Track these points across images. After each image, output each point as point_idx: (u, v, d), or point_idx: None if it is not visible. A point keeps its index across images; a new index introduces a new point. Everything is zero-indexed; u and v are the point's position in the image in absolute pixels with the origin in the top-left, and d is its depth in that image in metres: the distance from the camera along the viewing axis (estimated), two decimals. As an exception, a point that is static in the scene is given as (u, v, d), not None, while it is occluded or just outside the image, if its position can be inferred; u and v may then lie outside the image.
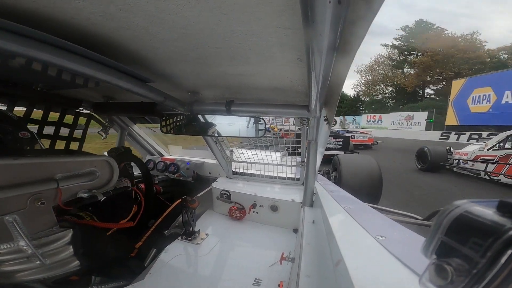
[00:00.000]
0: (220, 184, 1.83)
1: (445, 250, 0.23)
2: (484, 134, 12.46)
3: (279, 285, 1.03)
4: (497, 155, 6.03)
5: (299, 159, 1.88)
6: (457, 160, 7.09)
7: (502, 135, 6.40)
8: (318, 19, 0.38)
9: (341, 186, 2.32)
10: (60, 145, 1.42)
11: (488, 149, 6.39)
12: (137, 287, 1.01)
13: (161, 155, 2.47)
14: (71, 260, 0.89)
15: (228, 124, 1.37)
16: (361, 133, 14.32)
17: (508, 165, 5.48)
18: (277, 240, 1.46)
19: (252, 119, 1.36)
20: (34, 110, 1.27)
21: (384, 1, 0.36)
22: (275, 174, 1.94)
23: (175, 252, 1.24)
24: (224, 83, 1.06)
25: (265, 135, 1.44)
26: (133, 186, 1.35)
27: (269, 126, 1.92)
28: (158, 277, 1.07)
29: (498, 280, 0.18)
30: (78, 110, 1.52)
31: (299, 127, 1.60)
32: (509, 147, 5.94)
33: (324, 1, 0.32)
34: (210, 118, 1.37)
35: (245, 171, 2.01)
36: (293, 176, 1.91)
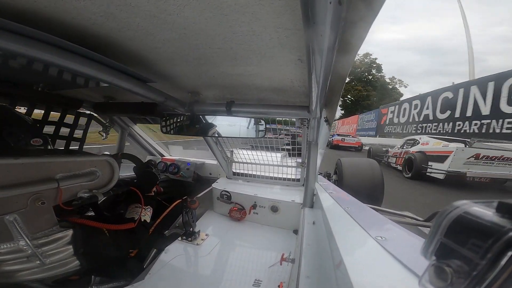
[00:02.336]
0: (221, 184, 1.83)
1: (445, 251, 0.23)
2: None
3: (279, 286, 1.03)
4: (397, 152, 9.00)
5: (299, 160, 1.88)
6: (388, 156, 9.87)
7: (403, 140, 9.43)
8: (319, 20, 0.38)
9: (342, 188, 2.32)
10: (61, 145, 1.43)
11: (398, 148, 9.24)
12: (137, 287, 1.01)
13: (162, 155, 2.47)
14: (71, 260, 0.89)
15: (228, 125, 1.38)
16: (353, 137, 17.32)
17: (398, 158, 8.78)
18: (277, 241, 1.45)
19: (253, 119, 1.36)
20: (34, 109, 1.27)
21: (385, 1, 0.36)
22: (276, 175, 1.94)
23: (175, 253, 1.24)
24: (225, 84, 1.06)
25: (265, 136, 1.44)
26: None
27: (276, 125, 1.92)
28: (158, 278, 1.07)
29: (498, 282, 0.18)
30: (79, 110, 1.52)
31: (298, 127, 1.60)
32: (405, 147, 8.71)
33: (325, 2, 0.32)
34: (210, 119, 1.37)
35: (246, 172, 2.01)
36: (293, 177, 1.91)
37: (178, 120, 1.39)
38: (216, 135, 1.45)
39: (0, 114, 0.93)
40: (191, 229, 1.36)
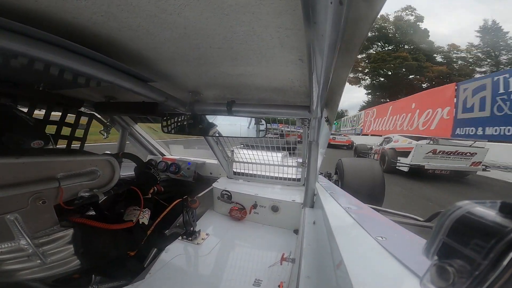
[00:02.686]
0: (221, 184, 1.83)
1: (447, 251, 0.23)
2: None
3: (279, 286, 1.03)
4: (377, 149, 10.03)
5: (300, 159, 1.88)
6: (371, 153, 10.88)
7: (382, 138, 10.40)
8: (320, 20, 0.38)
9: (343, 188, 2.32)
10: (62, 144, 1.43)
11: (377, 146, 10.33)
12: (137, 287, 1.01)
13: (163, 154, 2.48)
14: (72, 259, 0.89)
15: (229, 125, 1.38)
16: (344, 136, 18.49)
17: (377, 154, 9.78)
18: (277, 241, 1.45)
19: (253, 119, 1.36)
20: (35, 109, 1.27)
21: (386, 1, 0.36)
22: (276, 175, 1.94)
23: (175, 252, 1.24)
24: (225, 83, 1.06)
25: (266, 136, 1.44)
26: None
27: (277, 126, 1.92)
28: (158, 277, 1.07)
29: (500, 282, 0.18)
30: (80, 110, 1.52)
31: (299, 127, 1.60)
32: (383, 145, 9.65)
33: (326, 2, 0.32)
34: (211, 119, 1.37)
35: (246, 171, 2.01)
36: (294, 176, 1.91)
37: (179, 119, 1.39)
38: (217, 135, 1.45)
39: (1, 115, 0.93)
40: (192, 228, 1.36)
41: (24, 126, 0.99)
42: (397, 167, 7.85)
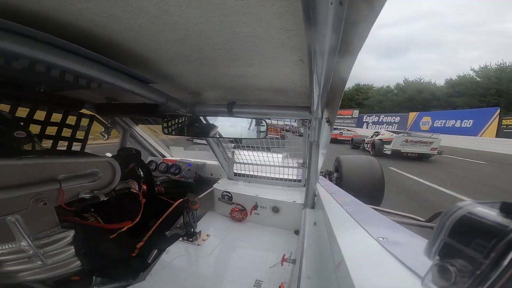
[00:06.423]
0: (222, 185, 1.83)
1: (448, 251, 0.23)
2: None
3: (280, 287, 1.02)
4: (369, 140, 12.89)
5: (300, 160, 1.88)
6: (364, 143, 13.76)
7: (372, 132, 13.79)
8: (320, 21, 0.38)
9: (342, 187, 2.31)
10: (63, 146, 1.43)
11: (369, 138, 13.21)
12: None
13: (163, 156, 2.48)
14: (73, 260, 0.89)
15: (229, 126, 1.38)
16: (347, 130, 19.01)
17: (369, 144, 12.76)
18: (278, 242, 1.45)
19: (254, 120, 1.37)
20: (36, 111, 1.28)
21: (386, 1, 0.36)
22: (277, 176, 1.94)
23: (176, 253, 1.24)
24: (226, 85, 1.06)
25: (266, 137, 1.44)
26: (140, 190, 1.35)
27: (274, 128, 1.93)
28: (159, 278, 1.07)
29: (501, 281, 0.18)
30: (80, 111, 1.53)
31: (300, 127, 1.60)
32: (373, 137, 12.63)
33: (326, 3, 0.32)
34: (211, 120, 1.37)
35: (247, 172, 2.01)
36: (294, 177, 1.91)
37: (180, 121, 1.40)
38: (218, 136, 1.45)
39: None
40: (192, 229, 1.36)
41: (1, 119, 0.99)
42: (383, 151, 11.17)
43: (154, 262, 1.16)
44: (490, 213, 0.21)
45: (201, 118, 1.36)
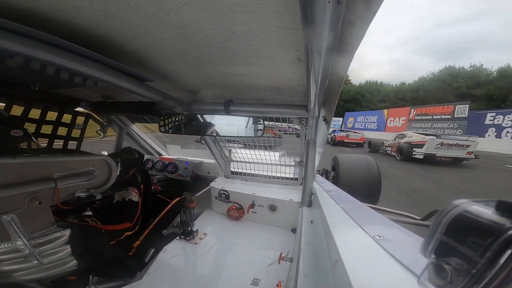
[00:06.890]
0: (219, 183, 1.83)
1: (444, 249, 0.23)
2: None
3: (277, 285, 1.03)
4: (391, 143, 12.22)
5: (297, 159, 1.88)
6: (384, 146, 13.05)
7: (395, 135, 12.72)
8: (318, 19, 0.38)
9: (339, 186, 2.32)
10: (58, 144, 1.42)
11: (391, 141, 12.46)
12: (135, 287, 1.01)
13: (160, 154, 2.47)
14: (69, 260, 0.89)
15: (226, 124, 1.38)
16: (354, 132, 18.11)
17: (392, 147, 11.96)
18: (275, 240, 1.46)
19: (251, 119, 1.36)
20: (31, 109, 1.26)
21: (383, 1, 0.36)
22: (274, 174, 1.94)
23: (173, 252, 1.24)
24: (223, 83, 1.06)
25: (263, 135, 1.44)
26: (140, 196, 1.35)
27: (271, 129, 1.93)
28: (156, 277, 1.07)
29: (497, 280, 0.18)
30: (76, 110, 1.51)
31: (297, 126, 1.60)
32: (396, 140, 11.88)
33: (324, 1, 0.32)
34: (209, 118, 1.36)
35: (244, 171, 2.01)
36: (291, 176, 1.91)
37: (177, 119, 1.39)
38: (215, 134, 1.45)
39: None
40: (189, 228, 1.36)
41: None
42: (413, 156, 10.25)
43: (151, 261, 1.16)
44: (485, 212, 0.21)
45: (198, 116, 1.36)
